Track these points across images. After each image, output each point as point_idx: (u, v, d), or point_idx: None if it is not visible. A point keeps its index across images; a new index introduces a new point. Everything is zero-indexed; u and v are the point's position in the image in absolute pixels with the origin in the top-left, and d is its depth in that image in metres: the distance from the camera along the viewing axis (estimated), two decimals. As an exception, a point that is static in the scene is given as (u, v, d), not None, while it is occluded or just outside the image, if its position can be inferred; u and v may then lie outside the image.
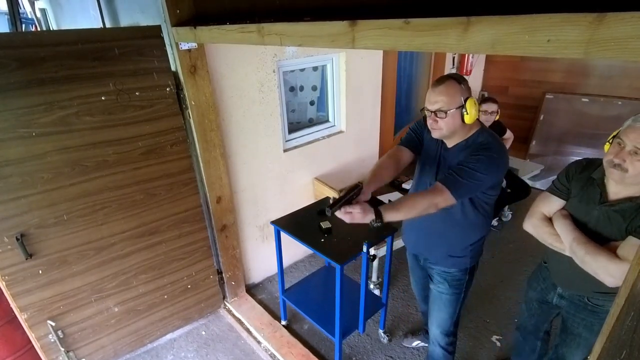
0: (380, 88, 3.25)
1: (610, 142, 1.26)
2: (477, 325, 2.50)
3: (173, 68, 1.97)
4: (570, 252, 1.32)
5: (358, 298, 1.98)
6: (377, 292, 2.68)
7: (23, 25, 3.35)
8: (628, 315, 0.66)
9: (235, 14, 1.56)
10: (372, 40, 0.95)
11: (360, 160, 3.34)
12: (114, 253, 2.05)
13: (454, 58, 4.19)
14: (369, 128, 3.33)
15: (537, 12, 0.66)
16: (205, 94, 2.06)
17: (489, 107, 3.00)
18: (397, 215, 1.33)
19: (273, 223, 2.13)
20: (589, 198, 1.33)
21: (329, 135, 3.06)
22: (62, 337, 2.02)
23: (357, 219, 1.31)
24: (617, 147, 1.21)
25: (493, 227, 3.53)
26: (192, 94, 2.01)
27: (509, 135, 3.34)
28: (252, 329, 2.52)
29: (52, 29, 3.45)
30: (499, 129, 3.23)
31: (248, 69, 2.32)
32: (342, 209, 1.31)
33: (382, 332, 2.42)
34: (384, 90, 3.31)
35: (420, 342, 2.33)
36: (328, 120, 3.12)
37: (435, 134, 1.48)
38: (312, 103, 3.01)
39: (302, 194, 2.98)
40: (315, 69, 2.92)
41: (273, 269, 2.98)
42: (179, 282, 2.37)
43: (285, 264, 3.07)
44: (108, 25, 2.45)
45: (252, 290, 2.88)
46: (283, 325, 2.52)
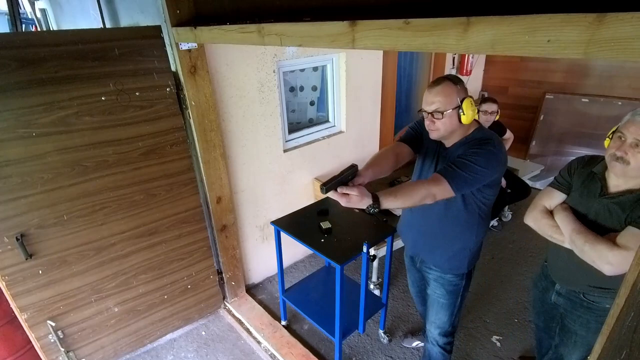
0: (380, 88, 3.25)
1: (610, 137, 1.28)
2: (477, 325, 2.50)
3: (173, 68, 1.97)
4: (570, 242, 1.32)
5: (358, 298, 1.98)
6: (377, 292, 2.68)
7: (23, 25, 3.34)
8: (628, 315, 0.66)
9: (235, 14, 1.56)
10: (372, 41, 0.95)
11: (361, 161, 3.32)
12: (114, 253, 2.05)
13: (454, 58, 4.19)
14: (369, 128, 3.33)
15: (537, 12, 0.66)
16: (205, 94, 2.06)
17: (489, 107, 3.00)
18: (394, 202, 1.28)
19: (273, 223, 2.13)
20: (590, 191, 1.35)
21: (329, 136, 3.06)
22: (62, 337, 2.02)
23: (353, 202, 1.23)
24: (618, 140, 1.23)
25: (493, 227, 3.54)
26: (192, 94, 2.01)
27: (509, 136, 3.34)
28: (252, 329, 2.52)
29: (52, 29, 3.45)
30: (499, 129, 3.23)
31: (248, 69, 2.32)
32: (338, 190, 1.23)
33: (382, 332, 2.42)
34: (384, 90, 3.31)
35: (420, 342, 2.33)
36: (328, 121, 3.12)
37: (433, 135, 1.48)
38: (312, 103, 3.01)
39: (302, 194, 2.98)
40: (315, 69, 2.92)
41: (273, 269, 2.98)
42: (179, 282, 2.37)
43: (285, 264, 3.07)
44: (108, 26, 2.45)
45: (252, 291, 2.88)
46: (283, 326, 2.52)
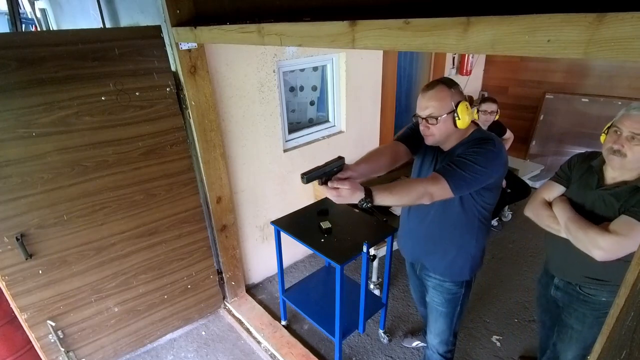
0: (380, 88, 3.25)
1: (606, 132, 1.32)
2: (477, 325, 2.50)
3: (173, 68, 1.97)
4: (565, 230, 1.37)
5: (358, 298, 1.98)
6: (377, 292, 2.68)
7: (23, 25, 3.34)
8: (628, 315, 0.66)
9: (235, 14, 1.56)
10: (372, 41, 0.95)
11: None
12: (114, 253, 2.05)
13: (454, 58, 4.19)
14: (369, 128, 3.33)
15: (537, 12, 0.66)
16: (205, 94, 2.06)
17: (489, 107, 3.00)
18: (388, 198, 1.21)
19: (273, 223, 2.13)
20: (587, 184, 1.40)
21: (329, 136, 3.06)
22: (62, 337, 2.02)
23: (344, 196, 1.16)
24: (614, 135, 1.27)
25: (493, 227, 3.54)
26: (192, 94, 2.01)
27: (509, 136, 3.34)
28: (252, 329, 2.52)
29: (52, 29, 3.45)
30: (499, 129, 3.23)
31: (248, 69, 2.32)
32: (328, 184, 1.17)
33: (382, 332, 2.42)
34: (384, 90, 3.31)
35: (420, 342, 2.33)
36: (328, 121, 3.12)
37: (428, 141, 1.43)
38: (312, 103, 3.01)
39: (302, 194, 2.98)
40: (315, 69, 2.92)
41: (273, 269, 2.98)
42: (179, 282, 2.37)
43: (285, 264, 3.07)
44: (108, 25, 2.45)
45: (252, 291, 2.88)
46: (283, 326, 2.52)
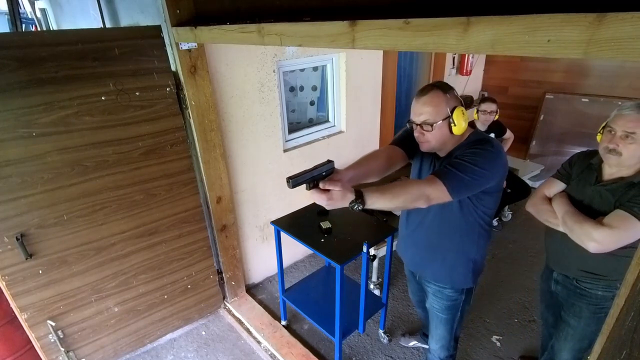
0: (380, 88, 3.25)
1: (601, 132, 1.38)
2: (477, 325, 2.50)
3: (173, 68, 1.97)
4: (562, 223, 1.41)
5: (358, 298, 1.98)
6: (377, 292, 2.68)
7: (23, 25, 3.34)
8: (628, 315, 0.66)
9: (235, 14, 1.56)
10: (372, 41, 0.95)
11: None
12: (114, 253, 2.05)
13: (454, 58, 4.19)
14: (369, 128, 3.33)
15: (537, 12, 0.66)
16: (205, 94, 2.06)
17: (488, 106, 3.00)
18: (381, 200, 1.13)
19: (273, 223, 2.13)
20: (586, 180, 1.45)
21: (329, 136, 3.06)
22: (62, 337, 2.02)
23: (335, 199, 1.09)
24: (608, 134, 1.33)
25: (493, 227, 3.54)
26: (192, 94, 2.01)
27: (509, 135, 3.34)
28: (252, 329, 2.52)
29: (52, 29, 3.45)
30: (499, 129, 3.23)
31: (248, 69, 2.32)
32: (320, 186, 1.10)
33: (382, 332, 2.42)
34: (384, 90, 3.30)
35: (417, 342, 2.33)
36: (328, 121, 3.12)
37: (424, 147, 1.38)
38: (312, 103, 3.01)
39: (302, 194, 2.94)
40: (315, 69, 2.92)
41: (273, 269, 2.98)
42: (179, 282, 2.37)
43: (285, 264, 3.07)
44: (108, 25, 2.45)
45: (252, 291, 2.88)
46: (283, 326, 2.52)
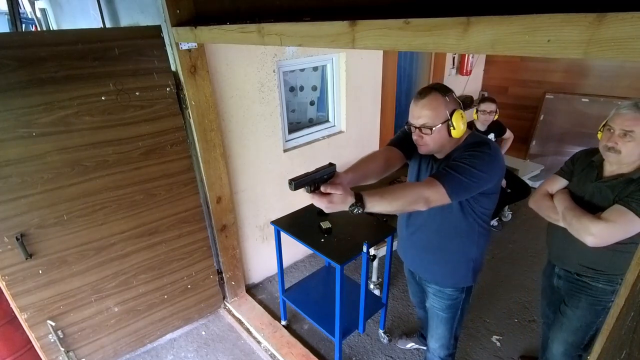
0: (380, 88, 3.25)
1: (602, 130, 1.42)
2: (477, 325, 2.50)
3: (173, 68, 1.97)
4: (562, 218, 1.45)
5: (358, 298, 1.98)
6: (377, 292, 2.68)
7: (23, 25, 3.34)
8: (628, 315, 0.66)
9: (235, 14, 1.56)
10: (372, 41, 0.95)
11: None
12: (114, 253, 2.05)
13: (454, 58, 4.19)
14: (369, 128, 3.33)
15: (537, 12, 0.66)
16: (205, 94, 2.06)
17: (488, 106, 3.01)
18: (380, 204, 1.15)
19: (273, 223, 2.13)
20: (587, 177, 1.49)
21: (329, 135, 3.06)
22: (62, 337, 2.02)
23: (336, 203, 1.10)
24: (607, 133, 1.37)
25: (493, 227, 3.54)
26: (192, 94, 2.01)
27: (509, 135, 3.34)
28: (252, 329, 2.52)
29: (52, 29, 3.45)
30: (499, 129, 3.23)
31: (248, 69, 2.32)
32: (321, 189, 1.11)
33: (382, 332, 2.42)
34: (384, 90, 3.30)
35: (415, 344, 2.33)
36: (328, 120, 3.12)
37: (422, 150, 1.39)
38: (312, 103, 3.01)
39: (302, 194, 2.95)
40: (315, 69, 2.92)
41: (273, 269, 2.98)
42: (179, 282, 2.37)
43: (285, 264, 3.07)
44: (108, 25, 2.45)
45: (252, 291, 2.88)
46: (283, 325, 2.52)
